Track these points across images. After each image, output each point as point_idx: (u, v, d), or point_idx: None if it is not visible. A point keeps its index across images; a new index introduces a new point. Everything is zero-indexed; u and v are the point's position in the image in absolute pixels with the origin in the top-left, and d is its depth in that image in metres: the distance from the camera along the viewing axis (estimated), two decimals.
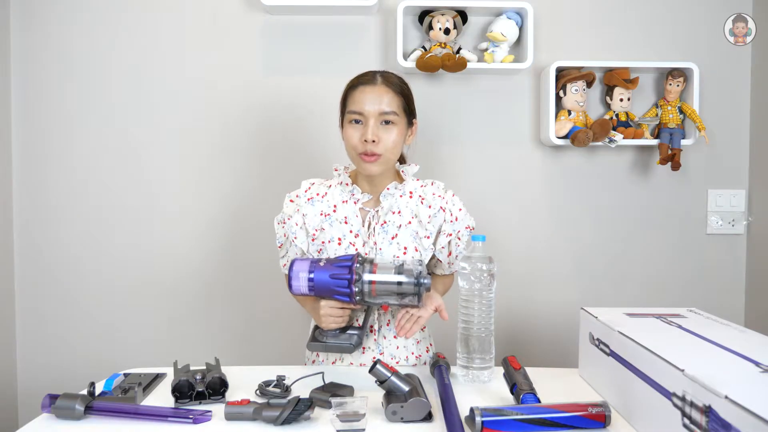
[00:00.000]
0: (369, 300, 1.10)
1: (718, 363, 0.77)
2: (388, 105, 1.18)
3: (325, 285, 1.09)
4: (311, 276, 1.09)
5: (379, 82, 1.20)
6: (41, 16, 1.78)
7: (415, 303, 1.11)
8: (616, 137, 1.71)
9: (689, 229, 1.86)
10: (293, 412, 0.89)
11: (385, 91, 1.19)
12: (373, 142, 1.16)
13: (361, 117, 1.18)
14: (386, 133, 1.18)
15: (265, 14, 1.79)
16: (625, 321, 1.00)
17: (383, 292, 1.09)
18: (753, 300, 1.85)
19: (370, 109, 1.17)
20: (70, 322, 1.82)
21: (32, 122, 1.80)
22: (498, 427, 0.85)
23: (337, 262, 1.10)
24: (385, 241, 1.22)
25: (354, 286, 1.07)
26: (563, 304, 1.84)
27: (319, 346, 1.17)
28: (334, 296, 1.10)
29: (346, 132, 1.21)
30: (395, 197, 1.26)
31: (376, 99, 1.18)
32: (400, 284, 1.08)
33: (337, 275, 1.08)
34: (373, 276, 1.08)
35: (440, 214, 1.26)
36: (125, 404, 0.96)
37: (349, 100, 1.22)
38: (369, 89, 1.19)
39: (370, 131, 1.16)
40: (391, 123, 1.19)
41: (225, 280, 1.82)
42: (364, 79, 1.22)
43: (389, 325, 1.26)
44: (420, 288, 1.08)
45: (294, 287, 1.11)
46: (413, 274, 1.08)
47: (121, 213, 1.81)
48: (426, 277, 1.09)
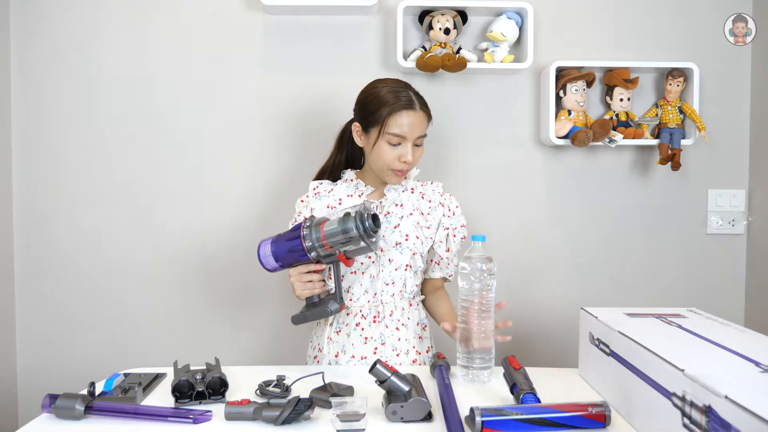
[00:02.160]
0: (325, 254, 1.18)
1: (718, 363, 0.77)
2: (423, 129, 1.31)
3: (286, 255, 1.20)
4: (273, 251, 1.20)
5: (418, 108, 1.29)
6: (41, 16, 1.78)
7: (368, 246, 1.17)
8: (616, 137, 1.71)
9: (689, 229, 1.86)
10: (293, 412, 0.90)
11: (423, 117, 1.30)
12: (409, 162, 1.28)
13: (402, 140, 1.27)
14: (417, 152, 1.31)
15: (265, 14, 1.79)
16: (625, 321, 1.00)
17: (335, 243, 1.17)
18: (753, 300, 1.85)
19: (411, 132, 1.27)
20: (70, 322, 1.82)
21: (32, 122, 1.80)
22: (498, 427, 0.85)
23: (290, 233, 1.21)
24: (388, 230, 1.32)
25: (305, 241, 1.16)
26: (563, 304, 1.84)
27: (299, 317, 1.23)
28: (297, 262, 1.21)
29: (383, 149, 1.28)
30: (398, 192, 1.35)
31: (417, 125, 1.28)
32: (346, 231, 1.15)
33: (292, 247, 1.18)
34: (321, 232, 1.17)
35: (439, 208, 1.36)
36: (125, 404, 0.96)
37: (390, 122, 1.26)
38: (412, 115, 1.27)
39: (410, 154, 1.27)
40: (420, 145, 1.32)
41: (225, 280, 1.82)
42: (405, 102, 1.27)
43: (392, 315, 1.31)
44: (363, 229, 1.14)
45: (266, 265, 1.22)
46: (356, 218, 1.15)
47: (121, 213, 1.81)
48: (368, 218, 1.16)
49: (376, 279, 1.31)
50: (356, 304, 1.32)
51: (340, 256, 1.19)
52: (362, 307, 1.32)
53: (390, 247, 1.31)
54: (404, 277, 1.32)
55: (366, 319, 1.31)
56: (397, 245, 1.31)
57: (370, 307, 1.32)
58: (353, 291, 1.32)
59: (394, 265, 1.31)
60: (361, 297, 1.32)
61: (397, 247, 1.31)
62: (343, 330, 1.32)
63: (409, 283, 1.33)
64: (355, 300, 1.32)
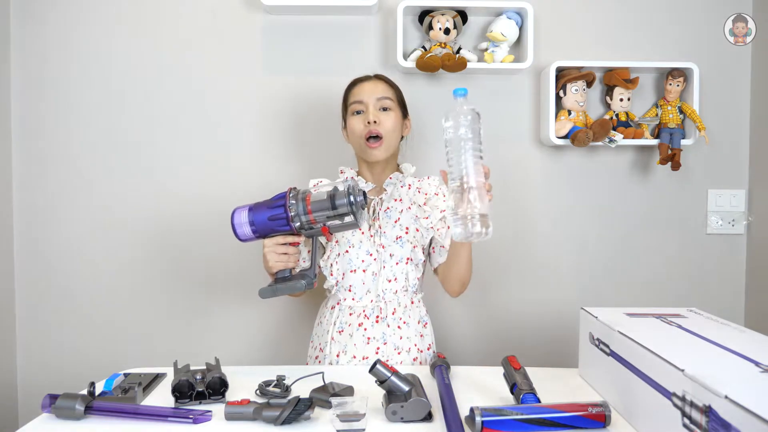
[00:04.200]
0: (308, 225, 1.14)
1: (718, 363, 0.77)
2: (383, 92, 1.35)
3: (265, 223, 1.15)
4: (251, 219, 1.15)
5: (374, 78, 1.39)
6: (41, 16, 1.78)
7: (355, 222, 1.14)
8: (616, 137, 1.71)
9: (689, 229, 1.86)
10: (293, 412, 0.90)
11: (380, 82, 1.38)
12: (375, 123, 1.31)
13: (362, 105, 1.34)
14: (385, 116, 1.33)
15: (265, 14, 1.79)
16: (625, 321, 1.00)
17: (321, 216, 1.13)
18: (753, 300, 1.85)
19: (368, 96, 1.34)
20: (70, 322, 1.82)
21: (32, 121, 1.80)
22: (498, 427, 0.85)
23: (271, 201, 1.16)
24: (389, 225, 1.34)
25: (289, 210, 1.12)
26: (563, 304, 1.84)
27: (268, 290, 1.17)
28: (274, 232, 1.16)
29: (350, 123, 1.36)
30: (397, 186, 1.37)
31: (373, 88, 1.35)
32: (334, 204, 1.12)
33: (274, 215, 1.14)
34: (308, 202, 1.13)
35: (434, 198, 1.38)
36: (125, 404, 0.96)
37: (349, 96, 1.39)
38: (366, 82, 1.38)
39: (371, 114, 1.32)
40: (388, 109, 1.35)
41: (225, 279, 1.82)
42: (360, 78, 1.41)
43: (395, 314, 1.31)
44: (353, 203, 1.11)
45: (240, 234, 1.16)
46: (347, 191, 1.12)
47: (121, 212, 1.81)
48: (358, 193, 1.12)
49: (378, 276, 1.31)
50: (359, 304, 1.32)
51: (324, 229, 1.15)
52: (365, 307, 1.32)
53: (391, 242, 1.32)
54: (406, 270, 1.33)
55: (369, 319, 1.31)
56: (397, 239, 1.32)
57: (373, 307, 1.32)
58: (355, 290, 1.33)
59: (395, 260, 1.32)
60: (363, 297, 1.32)
61: (398, 241, 1.32)
62: (346, 330, 1.32)
63: (411, 276, 1.33)
64: (357, 300, 1.33)
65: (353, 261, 1.33)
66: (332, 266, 1.34)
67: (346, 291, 1.34)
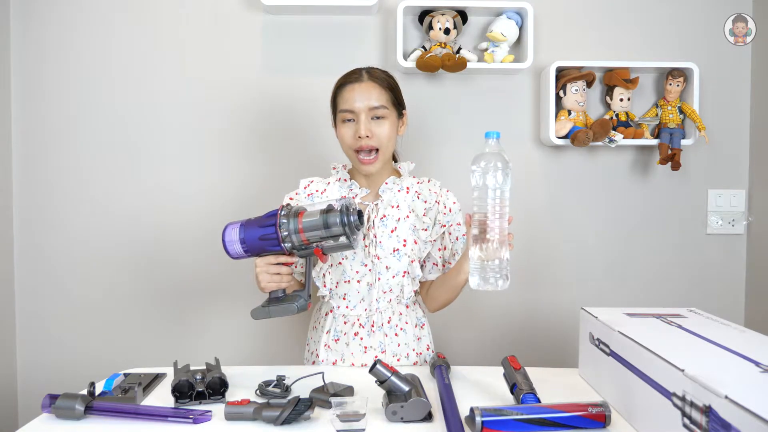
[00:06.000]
0: (301, 246, 1.07)
1: (718, 363, 0.77)
2: (377, 100, 1.21)
3: (255, 242, 1.08)
4: (242, 236, 1.08)
5: (366, 78, 1.23)
6: (41, 16, 1.78)
7: (349, 244, 1.07)
8: (616, 137, 1.71)
9: (689, 229, 1.86)
10: (293, 412, 0.89)
11: (373, 86, 1.22)
12: (367, 137, 1.20)
13: (353, 115, 1.21)
14: (378, 127, 1.22)
15: (265, 14, 1.79)
16: (625, 321, 1.00)
17: (314, 236, 1.06)
18: (753, 300, 1.85)
19: (360, 105, 1.21)
20: (70, 322, 1.82)
21: (32, 122, 1.80)
22: (498, 427, 0.85)
23: (263, 220, 1.09)
24: (385, 234, 1.25)
25: (281, 230, 1.06)
26: (563, 304, 1.84)
27: (262, 312, 1.11)
28: (266, 252, 1.09)
29: (340, 131, 1.25)
30: (394, 192, 1.29)
31: (365, 95, 1.21)
32: (328, 225, 1.04)
33: (265, 234, 1.07)
34: (299, 222, 1.06)
35: (435, 207, 1.30)
36: (125, 404, 0.96)
37: (339, 99, 1.25)
38: (357, 87, 1.22)
39: (363, 127, 1.20)
40: (382, 117, 1.22)
41: (225, 279, 1.82)
42: (351, 77, 1.25)
43: (390, 322, 1.28)
44: (347, 223, 1.04)
45: (231, 252, 1.10)
46: (341, 213, 1.04)
47: (121, 212, 1.81)
48: (353, 213, 1.05)
49: (372, 287, 1.26)
50: (353, 312, 1.27)
51: (316, 250, 1.08)
52: (359, 315, 1.27)
53: (387, 254, 1.24)
54: (401, 283, 1.27)
55: (364, 328, 1.27)
56: (395, 251, 1.24)
57: (367, 316, 1.27)
58: (349, 299, 1.27)
59: (391, 273, 1.25)
60: (357, 305, 1.27)
61: (395, 253, 1.24)
62: (342, 339, 1.28)
63: (407, 289, 1.28)
64: (351, 308, 1.27)
65: (347, 272, 1.26)
66: (325, 276, 1.27)
67: (340, 299, 1.28)
